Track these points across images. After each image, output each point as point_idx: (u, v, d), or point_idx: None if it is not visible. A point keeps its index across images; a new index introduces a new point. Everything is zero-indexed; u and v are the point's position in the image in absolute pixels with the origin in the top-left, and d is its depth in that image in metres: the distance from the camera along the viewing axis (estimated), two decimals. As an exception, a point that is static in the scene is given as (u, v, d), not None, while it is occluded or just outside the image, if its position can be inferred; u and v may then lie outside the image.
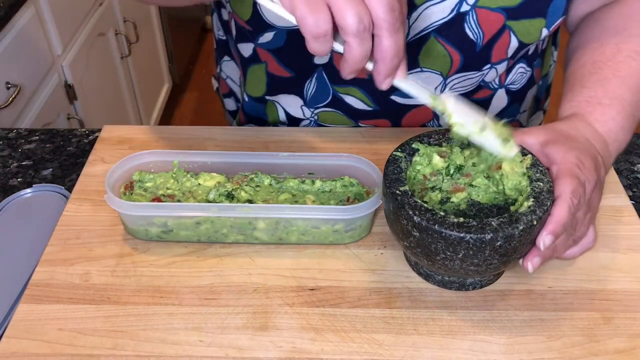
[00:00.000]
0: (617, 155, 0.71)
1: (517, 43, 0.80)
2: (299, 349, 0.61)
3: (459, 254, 0.57)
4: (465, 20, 0.77)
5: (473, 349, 0.61)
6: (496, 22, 0.77)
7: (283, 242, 0.71)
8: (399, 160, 0.65)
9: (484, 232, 0.56)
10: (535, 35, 0.79)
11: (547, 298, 0.65)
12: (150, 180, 0.75)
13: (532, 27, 0.78)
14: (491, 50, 0.80)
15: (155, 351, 0.61)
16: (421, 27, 0.77)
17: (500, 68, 0.85)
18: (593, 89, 0.72)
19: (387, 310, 0.64)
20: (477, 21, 0.77)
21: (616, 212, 0.75)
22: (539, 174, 0.61)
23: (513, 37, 0.79)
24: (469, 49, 0.80)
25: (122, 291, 0.66)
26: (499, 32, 0.78)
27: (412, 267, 0.68)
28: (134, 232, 0.71)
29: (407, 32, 0.77)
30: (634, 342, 0.61)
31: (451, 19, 0.77)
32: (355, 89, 0.87)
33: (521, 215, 0.57)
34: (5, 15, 1.38)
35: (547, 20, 0.78)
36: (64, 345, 0.61)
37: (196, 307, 0.65)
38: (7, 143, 0.90)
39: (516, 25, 0.78)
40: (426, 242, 0.58)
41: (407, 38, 0.77)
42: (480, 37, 0.78)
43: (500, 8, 0.76)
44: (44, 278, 0.67)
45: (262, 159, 0.76)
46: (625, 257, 0.69)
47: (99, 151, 0.84)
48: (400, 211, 0.59)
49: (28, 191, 0.80)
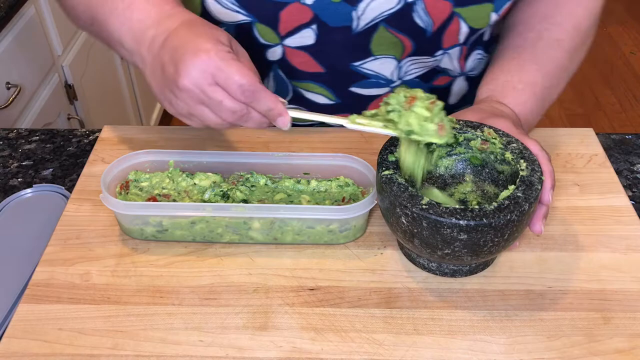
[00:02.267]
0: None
1: (468, 29, 0.80)
2: (299, 349, 0.61)
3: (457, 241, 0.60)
4: (414, 10, 0.77)
5: (473, 348, 0.61)
6: (444, 9, 0.78)
7: (278, 242, 0.71)
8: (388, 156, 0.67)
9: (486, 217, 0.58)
10: (485, 20, 0.80)
11: (547, 298, 0.65)
12: (146, 179, 0.75)
13: (481, 12, 0.79)
14: (442, 37, 0.81)
15: (155, 351, 0.61)
16: (369, 18, 0.78)
17: (453, 53, 0.85)
18: (510, 74, 0.79)
19: (387, 310, 0.64)
20: (425, 10, 0.77)
21: (616, 212, 0.75)
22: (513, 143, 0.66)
23: (463, 23, 0.80)
24: (419, 36, 0.80)
25: (122, 291, 0.66)
26: (448, 19, 0.79)
27: (406, 254, 0.69)
28: (129, 231, 0.71)
29: (356, 24, 0.78)
30: (633, 342, 0.61)
31: (399, 9, 0.77)
32: (313, 84, 0.87)
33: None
34: (5, 15, 1.38)
35: (495, 4, 0.79)
36: (64, 345, 0.61)
37: (196, 307, 0.65)
38: (7, 143, 0.90)
39: (465, 12, 0.78)
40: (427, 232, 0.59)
41: (356, 29, 0.78)
42: (430, 24, 0.79)
43: None
44: (44, 278, 0.68)
45: (257, 158, 0.76)
46: (625, 257, 0.69)
47: (99, 151, 0.84)
48: (396, 209, 0.60)
49: (28, 191, 0.80)
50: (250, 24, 0.79)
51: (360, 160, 0.74)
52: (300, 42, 0.80)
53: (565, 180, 0.79)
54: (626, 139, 0.90)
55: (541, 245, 0.71)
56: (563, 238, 0.72)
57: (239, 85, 0.61)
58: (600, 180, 0.79)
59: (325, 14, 0.77)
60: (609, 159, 0.83)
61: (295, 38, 0.80)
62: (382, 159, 0.66)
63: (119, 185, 0.74)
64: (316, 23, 0.78)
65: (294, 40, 0.80)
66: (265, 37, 0.80)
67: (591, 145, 0.85)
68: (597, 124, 2.61)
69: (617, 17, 3.37)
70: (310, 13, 0.77)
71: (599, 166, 0.81)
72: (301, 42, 0.80)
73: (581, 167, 0.81)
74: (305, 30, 0.79)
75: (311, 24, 0.78)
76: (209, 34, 0.64)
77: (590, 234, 0.72)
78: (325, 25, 0.78)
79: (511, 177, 0.66)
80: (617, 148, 0.88)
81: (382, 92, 0.88)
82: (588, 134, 0.87)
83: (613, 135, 0.90)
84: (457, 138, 0.70)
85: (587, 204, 0.76)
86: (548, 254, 0.70)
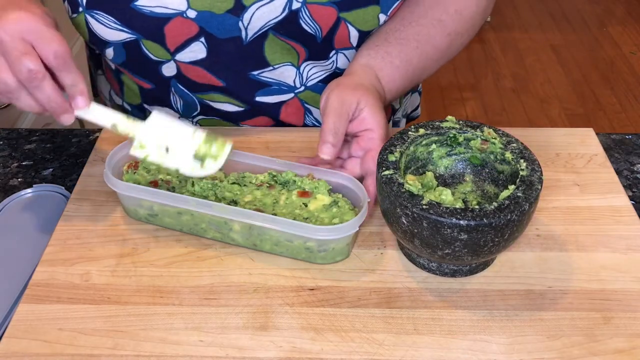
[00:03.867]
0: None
1: (357, 32, 0.81)
2: (299, 349, 0.61)
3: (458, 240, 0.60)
4: (300, 17, 0.77)
5: (473, 348, 0.61)
6: (330, 15, 0.78)
7: (257, 248, 0.70)
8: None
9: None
10: (373, 22, 0.80)
11: (547, 298, 0.65)
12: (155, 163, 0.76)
13: (368, 15, 0.79)
14: (332, 41, 0.81)
15: (155, 351, 0.61)
16: (257, 27, 0.78)
17: (349, 54, 0.85)
18: (391, 46, 0.80)
19: (387, 310, 0.64)
20: (310, 16, 0.78)
21: (616, 212, 0.75)
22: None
23: (350, 27, 0.80)
24: (310, 41, 0.81)
25: (122, 291, 0.66)
26: (335, 25, 0.79)
27: (406, 254, 0.69)
28: (127, 210, 0.74)
29: (245, 34, 0.78)
30: (633, 342, 0.61)
31: (285, 17, 0.77)
32: (216, 94, 0.87)
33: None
34: (5, 16, 1.38)
35: (382, 6, 0.79)
36: (64, 345, 0.61)
37: (196, 307, 0.65)
38: (8, 143, 0.90)
39: (350, 16, 0.79)
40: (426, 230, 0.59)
41: (246, 39, 0.79)
42: (318, 30, 0.79)
43: (331, 2, 0.77)
44: (44, 278, 0.68)
45: (264, 162, 0.75)
46: (625, 257, 0.69)
47: (99, 151, 0.84)
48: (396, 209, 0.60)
49: (28, 191, 0.80)
50: (137, 40, 0.79)
51: (356, 182, 0.71)
52: (192, 56, 0.80)
53: (565, 180, 0.79)
54: (626, 139, 0.90)
55: (541, 245, 0.71)
56: (563, 238, 0.72)
57: (54, 50, 0.62)
58: (600, 180, 0.79)
59: (211, 26, 0.77)
60: (609, 159, 0.83)
61: (186, 53, 0.80)
62: (382, 159, 0.66)
63: (127, 165, 0.76)
64: (204, 36, 0.78)
65: (185, 55, 0.80)
66: (155, 53, 0.80)
67: (591, 145, 0.85)
68: (597, 124, 2.61)
69: (617, 17, 3.37)
70: (196, 26, 0.77)
71: (599, 166, 0.81)
72: (193, 56, 0.80)
73: (581, 167, 0.81)
74: (194, 44, 0.79)
75: (199, 37, 0.78)
76: (39, 5, 0.65)
77: (590, 234, 0.72)
78: (214, 37, 0.78)
79: (511, 177, 0.66)
80: (617, 148, 0.88)
81: (288, 98, 0.88)
82: (588, 134, 0.87)
83: (613, 135, 0.90)
84: (457, 138, 0.70)
85: (587, 204, 0.76)
86: (548, 254, 0.70)
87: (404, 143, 0.68)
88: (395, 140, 0.68)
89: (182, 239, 0.72)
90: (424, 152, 0.70)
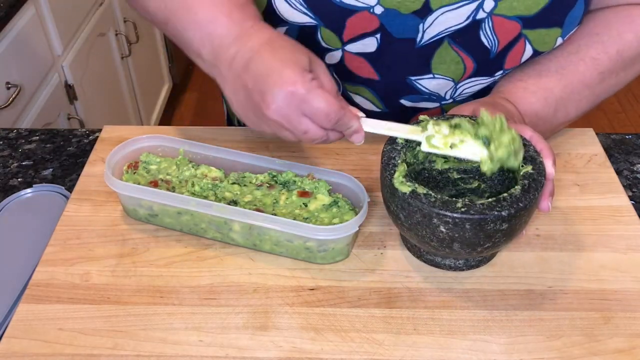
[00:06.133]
0: None
1: (532, 51, 0.79)
2: (299, 349, 0.61)
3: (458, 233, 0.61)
4: (481, 28, 0.76)
5: (473, 348, 0.61)
6: (512, 30, 0.76)
7: (257, 248, 0.70)
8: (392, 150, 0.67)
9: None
10: (550, 44, 0.78)
11: (547, 298, 0.65)
12: (155, 163, 0.77)
13: (548, 37, 0.77)
14: (505, 58, 0.80)
15: (155, 351, 0.61)
16: (435, 32, 0.76)
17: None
18: (527, 76, 0.79)
19: (387, 310, 0.64)
20: (492, 29, 0.76)
21: (616, 212, 0.75)
22: None
23: (528, 45, 0.78)
24: (482, 55, 0.79)
25: (122, 291, 0.66)
26: (514, 40, 0.77)
27: (409, 248, 0.69)
28: (127, 210, 0.74)
29: (421, 37, 0.77)
30: (633, 341, 0.61)
31: (466, 26, 0.75)
32: (365, 89, 0.86)
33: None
34: (5, 15, 1.38)
35: (564, 29, 0.77)
36: (64, 345, 0.61)
37: (196, 307, 0.65)
38: (7, 143, 0.90)
39: (532, 34, 0.77)
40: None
41: (420, 42, 0.77)
42: (495, 44, 0.77)
43: (517, 17, 0.75)
44: (44, 278, 0.68)
45: (264, 162, 0.75)
46: (625, 257, 0.69)
47: (99, 151, 0.84)
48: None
49: (28, 191, 0.80)
50: (315, 27, 0.77)
51: (356, 182, 0.71)
52: (361, 48, 0.79)
53: (565, 180, 0.79)
54: (626, 139, 0.90)
55: (541, 245, 0.71)
56: (563, 238, 0.72)
57: (325, 115, 0.63)
58: (600, 180, 0.79)
59: (391, 24, 0.75)
60: (609, 159, 0.83)
61: (357, 45, 0.78)
62: (389, 173, 0.64)
63: (127, 165, 0.76)
64: (380, 32, 0.76)
65: (355, 47, 0.79)
66: (328, 41, 0.79)
67: (591, 145, 0.85)
68: (597, 124, 2.60)
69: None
70: (377, 22, 0.75)
71: (599, 166, 0.81)
72: (362, 49, 0.79)
73: (581, 167, 0.81)
74: (368, 38, 0.77)
75: (375, 33, 0.77)
76: (292, 60, 0.64)
77: (590, 234, 0.72)
78: (390, 35, 0.77)
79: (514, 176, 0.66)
80: (617, 148, 0.88)
81: (432, 107, 0.87)
82: (588, 134, 0.87)
83: (613, 135, 0.90)
84: None
85: (587, 204, 0.76)
86: (548, 254, 0.70)
87: (399, 153, 0.67)
88: (396, 143, 0.67)
89: (182, 239, 0.72)
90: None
